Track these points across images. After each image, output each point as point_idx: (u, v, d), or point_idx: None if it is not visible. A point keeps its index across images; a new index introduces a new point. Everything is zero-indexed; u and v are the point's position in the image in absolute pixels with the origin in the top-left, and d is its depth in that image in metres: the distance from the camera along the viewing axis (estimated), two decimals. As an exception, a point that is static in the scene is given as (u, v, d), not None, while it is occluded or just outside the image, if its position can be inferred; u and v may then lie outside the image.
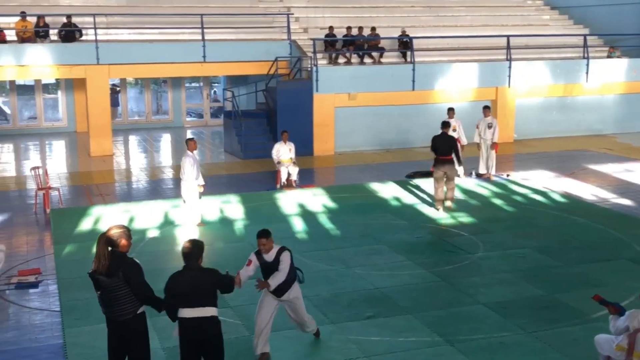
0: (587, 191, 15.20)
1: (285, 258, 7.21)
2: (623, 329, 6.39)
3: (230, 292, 6.46)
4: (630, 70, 23.07)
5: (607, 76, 22.84)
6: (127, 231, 6.16)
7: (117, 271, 5.99)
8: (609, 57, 23.37)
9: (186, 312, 6.11)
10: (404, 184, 15.93)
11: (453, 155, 13.41)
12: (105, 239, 6.08)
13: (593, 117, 23.26)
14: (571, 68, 22.52)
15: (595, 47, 23.92)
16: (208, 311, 6.13)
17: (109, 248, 6.06)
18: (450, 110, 16.48)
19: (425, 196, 14.77)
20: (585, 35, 23.17)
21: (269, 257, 7.14)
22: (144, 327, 6.22)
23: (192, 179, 12.33)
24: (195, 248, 6.17)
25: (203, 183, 12.56)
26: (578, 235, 11.94)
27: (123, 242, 6.09)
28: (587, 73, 22.46)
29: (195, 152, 12.60)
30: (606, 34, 24.57)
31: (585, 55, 22.54)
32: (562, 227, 12.47)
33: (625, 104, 23.51)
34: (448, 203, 13.59)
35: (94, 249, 6.26)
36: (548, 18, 26.25)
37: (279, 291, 7.27)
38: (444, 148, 13.33)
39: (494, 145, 16.26)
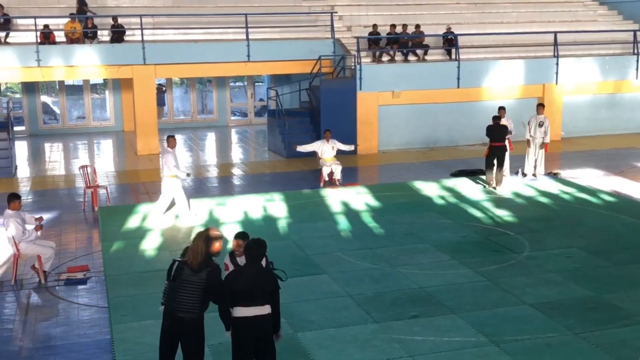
0: (637, 190, 14.86)
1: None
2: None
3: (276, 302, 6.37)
4: (683, 66, 22.44)
5: (658, 72, 22.28)
6: (222, 237, 6.39)
7: (203, 270, 6.11)
8: None
9: (245, 311, 6.12)
10: (448, 183, 15.79)
11: (506, 142, 14.99)
12: (205, 237, 6.22)
13: (643, 114, 22.72)
14: (620, 64, 22.04)
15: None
16: (266, 309, 6.18)
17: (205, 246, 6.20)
18: (502, 109, 16.22)
19: (470, 195, 14.62)
20: (635, 31, 22.61)
21: (242, 260, 6.94)
22: (202, 329, 6.29)
23: (176, 174, 12.90)
24: (261, 247, 6.25)
25: (188, 172, 13.73)
26: (627, 235, 11.68)
27: (217, 245, 6.26)
28: (637, 69, 21.93)
29: (175, 149, 13.14)
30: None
31: (635, 51, 22.01)
32: (611, 226, 12.21)
33: (678, 100, 22.90)
34: (497, 187, 14.87)
35: (141, 246, 6.37)
36: (596, 13, 25.69)
37: None
38: (497, 135, 14.86)
39: (543, 145, 15.99)
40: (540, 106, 16.36)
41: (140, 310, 8.73)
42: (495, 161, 14.90)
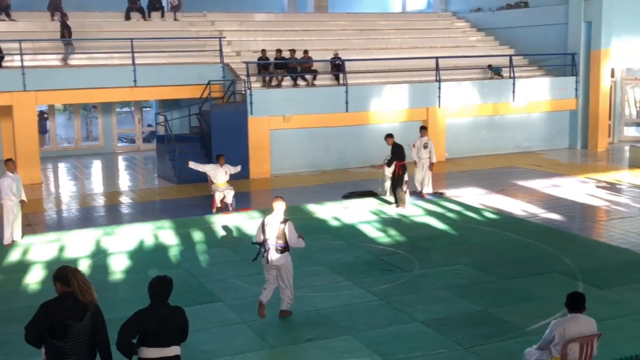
0: (518, 207, 15.61)
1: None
2: (549, 340, 6.55)
3: (184, 341, 6.17)
4: (555, 89, 23.91)
5: (533, 95, 23.61)
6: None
7: (87, 313, 5.52)
8: (495, 74, 23.72)
9: (151, 352, 5.89)
10: (341, 205, 16.01)
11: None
12: (73, 271, 5.56)
13: (521, 134, 23.96)
14: (498, 88, 23.19)
15: (520, 67, 24.70)
16: (173, 350, 5.97)
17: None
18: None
19: (361, 216, 14.88)
20: (511, 56, 23.91)
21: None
22: None
23: (10, 197, 12.91)
24: (166, 286, 5.98)
25: (24, 198, 13.24)
26: (510, 251, 12.22)
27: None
28: (513, 92, 23.16)
29: (15, 173, 13.20)
30: (531, 54, 25.43)
31: (512, 75, 23.25)
32: (495, 243, 12.74)
33: (551, 121, 24.34)
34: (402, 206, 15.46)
35: (25, 280, 5.97)
36: (475, 40, 26.99)
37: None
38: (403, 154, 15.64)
39: (431, 166, 16.62)
40: (423, 129, 17.01)
41: (25, 348, 8.27)
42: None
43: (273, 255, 8.94)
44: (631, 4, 23.67)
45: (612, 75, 24.66)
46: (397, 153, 15.51)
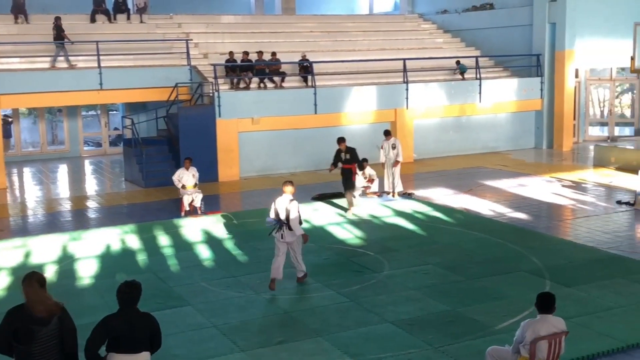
0: (485, 207, 15.76)
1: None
2: (519, 342, 6.60)
3: (159, 348, 6.14)
4: (521, 90, 24.20)
5: (499, 96, 23.87)
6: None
7: (53, 318, 5.50)
8: (460, 72, 23.92)
9: (120, 358, 5.82)
10: (311, 206, 16.00)
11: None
12: (37, 279, 5.57)
13: (488, 135, 24.21)
14: (465, 89, 23.40)
15: (486, 68, 24.97)
16: (143, 356, 5.90)
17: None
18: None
19: (331, 218, 14.90)
20: (477, 57, 24.15)
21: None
22: None
23: None
24: (134, 291, 5.90)
25: None
26: (478, 250, 12.33)
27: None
28: (480, 93, 23.39)
29: None
30: (497, 55, 25.72)
31: (478, 76, 23.48)
32: (463, 242, 12.85)
33: (517, 121, 24.63)
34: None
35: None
36: (442, 41, 27.22)
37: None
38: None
39: (396, 163, 16.68)
40: (387, 133, 17.09)
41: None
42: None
43: (286, 232, 10.23)
44: (594, 5, 24.06)
45: (577, 76, 25.05)
46: (355, 156, 15.47)
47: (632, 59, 17.36)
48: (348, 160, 15.42)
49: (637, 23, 17.80)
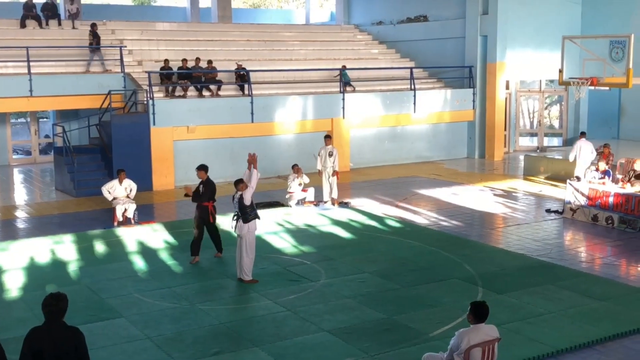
0: (420, 215, 15.99)
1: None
2: (453, 350, 6.71)
3: None
4: (454, 100, 24.70)
5: (432, 106, 24.29)
6: None
7: None
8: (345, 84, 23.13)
9: None
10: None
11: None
12: None
13: (422, 145, 24.59)
14: (400, 99, 23.72)
15: (421, 79, 25.39)
16: None
17: None
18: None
19: (268, 227, 14.84)
20: (411, 68, 24.54)
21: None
22: None
23: None
24: (60, 303, 5.67)
25: None
26: (413, 258, 12.49)
27: None
28: (414, 104, 23.76)
29: None
30: (430, 67, 26.19)
31: (412, 87, 23.85)
32: (398, 250, 13.00)
33: (450, 132, 25.11)
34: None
35: None
36: (377, 52, 27.56)
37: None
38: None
39: (335, 173, 16.77)
40: (328, 137, 17.22)
41: None
42: None
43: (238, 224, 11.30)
44: (525, 19, 24.81)
45: (507, 88, 25.73)
46: (211, 191, 12.76)
47: (560, 71, 17.93)
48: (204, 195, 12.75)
49: (566, 37, 18.42)
